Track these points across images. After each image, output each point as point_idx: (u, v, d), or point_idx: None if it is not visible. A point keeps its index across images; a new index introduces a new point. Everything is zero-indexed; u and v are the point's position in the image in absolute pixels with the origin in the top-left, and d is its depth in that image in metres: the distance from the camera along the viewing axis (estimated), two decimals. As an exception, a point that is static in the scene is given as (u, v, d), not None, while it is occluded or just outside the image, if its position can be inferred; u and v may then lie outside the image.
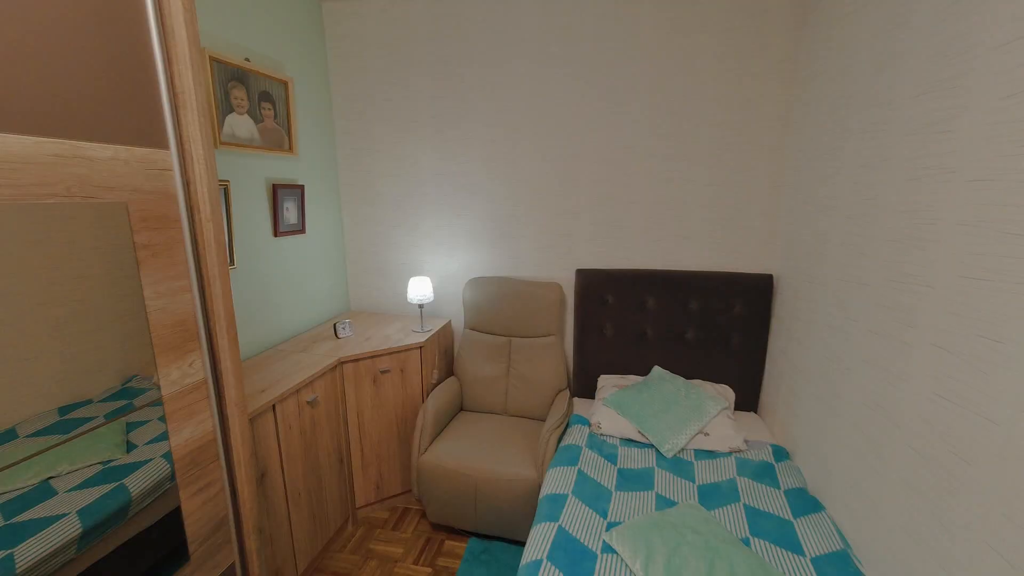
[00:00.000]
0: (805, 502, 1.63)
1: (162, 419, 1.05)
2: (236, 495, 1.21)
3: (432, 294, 2.41)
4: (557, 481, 1.74)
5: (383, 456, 2.27)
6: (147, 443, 1.06)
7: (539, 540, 1.46)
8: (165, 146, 0.99)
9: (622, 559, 1.39)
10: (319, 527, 1.98)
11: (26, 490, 0.79)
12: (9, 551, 0.80)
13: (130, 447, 1.05)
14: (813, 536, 1.47)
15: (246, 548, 1.25)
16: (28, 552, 0.82)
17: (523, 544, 2.08)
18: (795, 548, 1.43)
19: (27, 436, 0.77)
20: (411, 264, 2.70)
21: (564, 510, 1.58)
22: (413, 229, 2.66)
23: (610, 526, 1.53)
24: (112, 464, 0.94)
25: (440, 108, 2.48)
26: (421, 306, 2.39)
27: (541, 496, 1.71)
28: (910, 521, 1.22)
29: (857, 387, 1.50)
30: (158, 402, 0.99)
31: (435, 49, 2.42)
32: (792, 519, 1.55)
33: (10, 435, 0.75)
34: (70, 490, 0.88)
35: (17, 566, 0.81)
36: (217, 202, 1.08)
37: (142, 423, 1.03)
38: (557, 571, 1.34)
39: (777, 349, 2.17)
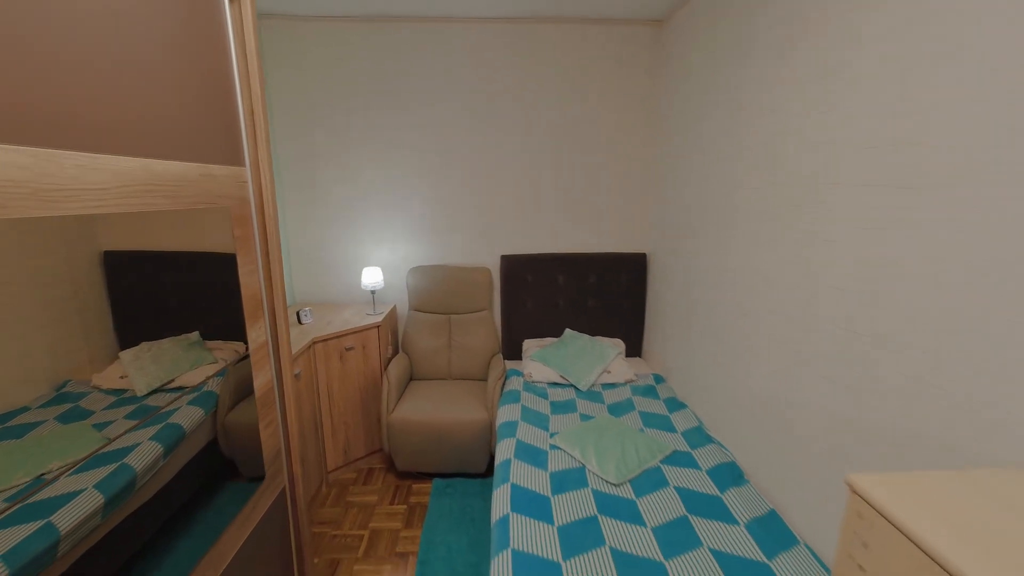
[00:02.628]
0: (676, 404, 2.39)
1: (128, 416, 1.29)
2: (287, 431, 1.55)
3: (383, 281, 2.79)
4: (508, 414, 2.29)
5: (349, 423, 2.61)
6: (124, 434, 1.33)
7: (505, 449, 2.00)
8: (243, 164, 1.32)
9: (565, 451, 1.99)
10: (304, 490, 2.28)
11: (24, 485, 0.78)
12: (47, 519, 0.82)
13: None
14: (681, 421, 2.22)
15: (294, 473, 1.59)
16: (68, 516, 0.84)
17: (478, 476, 2.59)
18: (671, 429, 2.16)
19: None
20: (356, 258, 3.02)
21: (518, 429, 2.14)
22: (358, 228, 2.98)
23: (552, 435, 2.13)
24: (102, 452, 0.95)
25: (379, 122, 2.84)
26: (373, 292, 2.76)
27: (498, 424, 2.24)
28: (734, 399, 2.00)
29: (699, 320, 2.28)
30: (121, 402, 1.00)
31: (373, 71, 2.77)
32: (668, 414, 2.30)
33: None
34: (71, 474, 0.89)
35: (61, 530, 0.84)
36: (275, 206, 1.42)
37: (108, 423, 1.03)
38: (523, 463, 1.89)
39: (652, 308, 2.96)
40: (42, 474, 0.78)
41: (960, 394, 1.06)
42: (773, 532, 1.52)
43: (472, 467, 2.54)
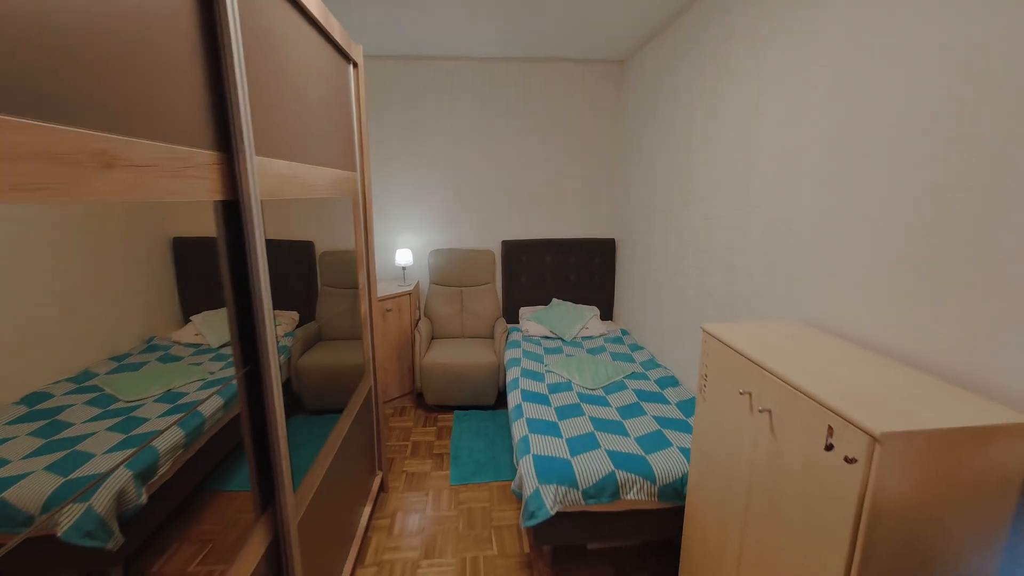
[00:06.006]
0: (637, 347, 3.23)
1: (215, 359, 1.30)
2: (373, 349, 2.31)
3: (412, 260, 3.55)
4: (513, 354, 3.09)
5: (388, 370, 3.36)
6: (220, 370, 2.00)
7: (513, 372, 2.80)
8: (355, 169, 2.08)
9: (556, 373, 2.80)
10: (359, 412, 3.02)
11: (158, 396, 0.97)
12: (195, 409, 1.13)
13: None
14: (639, 356, 3.06)
15: (376, 379, 2.35)
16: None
17: (489, 408, 3.37)
18: (632, 360, 3.00)
19: (105, 374, 0.93)
20: (384, 243, 3.77)
21: (521, 362, 2.94)
22: (387, 220, 3.74)
23: (546, 365, 2.93)
24: (208, 379, 1.16)
25: (404, 137, 3.61)
26: (404, 268, 3.52)
27: (506, 360, 3.04)
28: (677, 338, 2.84)
29: (653, 288, 3.12)
30: (199, 352, 1.16)
31: (400, 96, 3.54)
32: (631, 352, 3.13)
33: (87, 375, 0.89)
34: (198, 390, 1.09)
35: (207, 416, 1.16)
36: (371, 198, 2.18)
37: (198, 364, 1.19)
38: (527, 379, 2.69)
39: (619, 281, 3.80)
40: (169, 389, 1.00)
41: (782, 297, 1.90)
42: (693, 407, 2.35)
43: (484, 400, 3.32)
